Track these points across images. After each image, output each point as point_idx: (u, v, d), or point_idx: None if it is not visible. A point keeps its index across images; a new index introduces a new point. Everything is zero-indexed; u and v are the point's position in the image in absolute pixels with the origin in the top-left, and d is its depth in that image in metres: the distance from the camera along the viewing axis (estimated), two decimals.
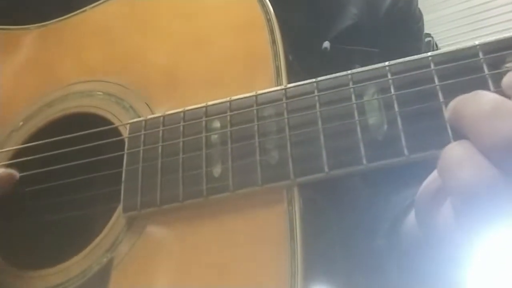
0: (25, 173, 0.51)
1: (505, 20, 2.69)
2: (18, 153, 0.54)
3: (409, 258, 0.51)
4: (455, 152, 0.34)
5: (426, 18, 0.75)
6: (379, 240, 0.56)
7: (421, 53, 0.41)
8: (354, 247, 0.54)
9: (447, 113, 0.37)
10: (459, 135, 0.35)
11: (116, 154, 0.47)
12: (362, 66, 0.43)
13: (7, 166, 0.53)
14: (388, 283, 0.54)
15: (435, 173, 0.38)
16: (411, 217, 0.49)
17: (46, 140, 0.52)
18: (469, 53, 0.39)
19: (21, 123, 0.56)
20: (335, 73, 0.43)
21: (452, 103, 0.36)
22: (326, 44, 0.64)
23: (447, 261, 0.43)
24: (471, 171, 0.32)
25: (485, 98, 0.33)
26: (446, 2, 2.89)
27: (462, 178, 0.33)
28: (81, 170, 0.50)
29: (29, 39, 0.61)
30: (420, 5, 0.74)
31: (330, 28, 0.67)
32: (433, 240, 0.40)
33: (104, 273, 0.44)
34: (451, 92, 0.38)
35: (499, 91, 0.35)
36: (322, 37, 0.65)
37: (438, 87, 0.39)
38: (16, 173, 0.51)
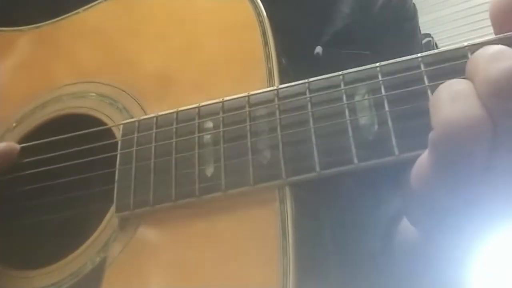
0: (18, 174, 0.52)
1: None
2: None
3: (402, 261, 0.51)
4: (452, 87, 0.34)
5: (426, 18, 0.75)
6: (375, 243, 0.56)
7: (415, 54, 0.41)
8: (347, 248, 0.54)
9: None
10: None
11: (109, 154, 0.48)
12: None
13: None
14: (383, 285, 0.54)
15: None
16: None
17: (39, 141, 0.52)
18: (458, 54, 0.40)
19: (14, 124, 0.56)
20: None
21: None
22: (318, 49, 0.64)
23: (440, 264, 0.43)
24: (460, 106, 0.32)
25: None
26: (446, 2, 2.89)
27: (448, 111, 0.32)
28: (74, 171, 0.50)
29: (22, 40, 0.62)
30: (420, 5, 0.73)
31: (322, 31, 0.67)
32: (412, 205, 0.39)
33: (97, 272, 0.44)
34: None
35: None
36: (314, 41, 0.65)
37: (427, 87, 0.40)
38: (16, 145, 0.52)
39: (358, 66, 0.43)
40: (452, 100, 0.33)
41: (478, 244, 0.36)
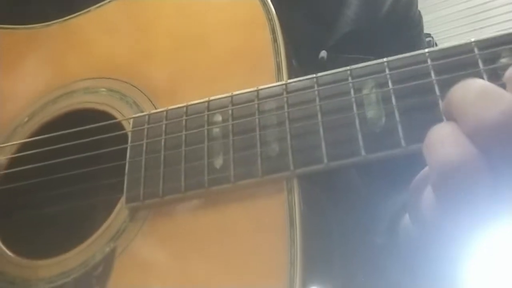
0: (29, 166, 0.52)
1: (505, 20, 2.69)
2: (22, 147, 0.55)
3: (406, 255, 0.52)
4: (440, 131, 0.34)
5: (426, 18, 0.75)
6: (378, 238, 0.56)
7: None
8: (352, 243, 0.54)
9: (442, 104, 0.38)
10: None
11: (119, 147, 0.48)
12: None
13: (12, 159, 0.54)
14: (387, 280, 0.54)
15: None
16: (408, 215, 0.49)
17: (50, 135, 0.53)
18: (464, 49, 0.40)
19: (26, 119, 0.57)
20: None
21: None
22: (323, 53, 0.65)
23: (443, 259, 0.43)
24: (452, 147, 0.33)
25: (473, 84, 0.34)
26: (446, 2, 2.90)
27: (441, 153, 0.33)
28: (84, 164, 0.51)
29: (34, 38, 0.63)
30: (420, 5, 0.74)
31: (327, 36, 0.67)
32: (419, 225, 0.40)
33: (107, 262, 0.45)
34: (447, 87, 0.39)
35: (499, 85, 0.35)
36: (319, 46, 0.66)
37: (434, 81, 0.40)
38: None
39: None
40: (442, 142, 0.34)
41: (462, 226, 0.36)
